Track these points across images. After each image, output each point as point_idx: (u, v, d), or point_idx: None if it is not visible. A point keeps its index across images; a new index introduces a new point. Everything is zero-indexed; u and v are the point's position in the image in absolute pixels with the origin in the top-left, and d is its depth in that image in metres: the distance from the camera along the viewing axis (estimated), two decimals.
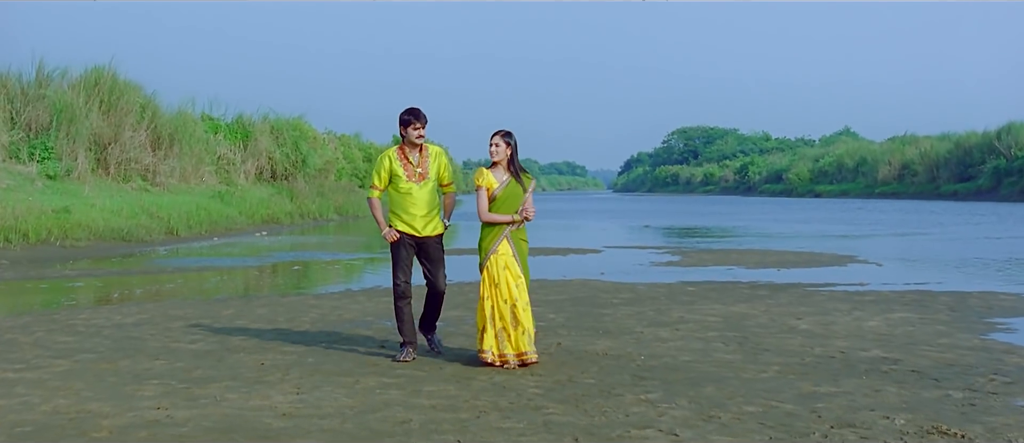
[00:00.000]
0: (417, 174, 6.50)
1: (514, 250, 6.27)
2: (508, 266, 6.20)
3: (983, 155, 55.23)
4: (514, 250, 6.27)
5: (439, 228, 6.61)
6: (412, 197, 6.48)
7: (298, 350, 6.97)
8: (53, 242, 16.92)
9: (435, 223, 6.58)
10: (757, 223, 30.10)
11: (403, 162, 6.52)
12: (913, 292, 10.65)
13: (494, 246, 6.26)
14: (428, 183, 6.52)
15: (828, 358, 6.56)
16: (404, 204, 6.50)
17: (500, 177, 6.32)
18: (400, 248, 6.53)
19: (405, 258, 6.54)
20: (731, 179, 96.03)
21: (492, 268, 6.20)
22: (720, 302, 9.69)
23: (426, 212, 6.51)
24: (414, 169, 6.51)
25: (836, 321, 8.31)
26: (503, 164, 6.33)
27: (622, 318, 8.57)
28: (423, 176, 6.51)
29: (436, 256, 6.60)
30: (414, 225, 6.51)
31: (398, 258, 6.55)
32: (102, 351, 6.98)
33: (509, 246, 6.26)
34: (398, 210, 6.54)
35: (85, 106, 24.41)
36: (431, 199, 6.54)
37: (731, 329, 7.88)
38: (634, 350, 6.89)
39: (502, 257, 6.23)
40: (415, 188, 6.49)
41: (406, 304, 6.55)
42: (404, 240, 6.51)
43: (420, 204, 6.50)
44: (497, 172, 6.33)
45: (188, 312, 9.11)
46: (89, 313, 9.13)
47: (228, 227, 23.97)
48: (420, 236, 6.53)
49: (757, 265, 14.41)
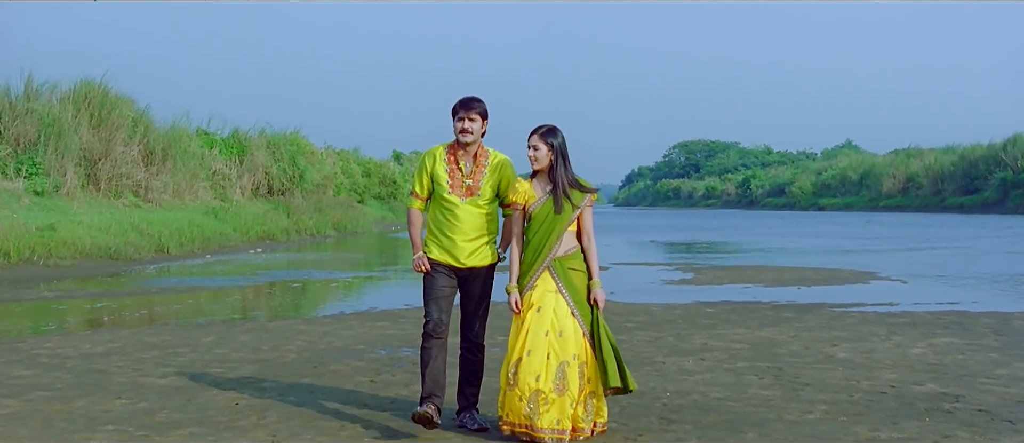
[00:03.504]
0: (464, 187, 4.89)
1: (560, 283, 4.67)
2: (555, 308, 4.61)
3: (989, 167, 54.63)
4: (560, 283, 4.67)
5: (488, 257, 4.95)
6: (454, 215, 4.88)
7: (279, 387, 6.20)
8: (36, 261, 16.15)
9: (483, 251, 4.94)
10: (765, 237, 29.34)
11: (450, 166, 4.92)
12: (949, 313, 9.88)
13: (530, 281, 4.70)
14: (479, 201, 4.89)
15: (879, 394, 5.79)
16: (443, 223, 4.91)
17: (541, 190, 4.80)
18: (434, 276, 4.92)
19: (441, 288, 4.91)
20: (733, 193, 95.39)
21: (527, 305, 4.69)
22: (744, 326, 8.93)
23: (473, 237, 4.90)
24: (462, 179, 4.90)
25: (876, 348, 7.54)
26: (545, 173, 4.80)
27: (639, 345, 7.81)
28: (472, 190, 4.89)
29: (478, 293, 4.96)
30: (454, 253, 4.89)
31: (431, 287, 4.92)
32: (60, 388, 6.22)
33: (552, 278, 4.68)
34: (435, 230, 4.96)
35: (74, 120, 23.75)
36: (481, 222, 4.91)
37: (762, 358, 7.11)
38: (658, 385, 6.13)
39: (540, 293, 4.65)
40: (459, 204, 4.87)
41: (437, 346, 4.91)
42: (439, 269, 4.93)
43: (464, 227, 4.88)
44: (539, 183, 4.82)
45: (164, 339, 8.35)
46: (57, 341, 8.36)
47: (222, 244, 23.20)
48: (461, 267, 4.92)
49: (775, 283, 13.64)
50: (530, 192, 4.77)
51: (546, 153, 4.72)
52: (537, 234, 4.72)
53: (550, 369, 4.53)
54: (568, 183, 4.73)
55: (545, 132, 4.74)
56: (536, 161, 4.74)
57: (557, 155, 4.72)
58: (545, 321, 4.58)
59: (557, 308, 4.61)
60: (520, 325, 4.66)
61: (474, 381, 5.00)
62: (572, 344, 4.58)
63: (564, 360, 4.55)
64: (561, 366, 4.54)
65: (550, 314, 4.59)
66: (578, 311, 4.65)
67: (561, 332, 4.58)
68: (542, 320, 4.58)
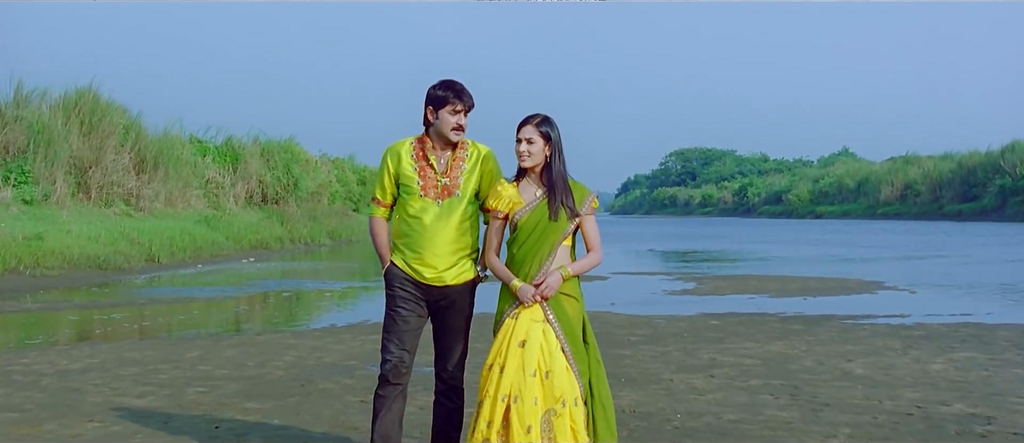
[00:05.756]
0: (440, 187, 3.94)
1: (548, 311, 3.81)
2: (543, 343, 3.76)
3: (987, 174, 54.41)
4: (548, 311, 3.81)
5: (469, 271, 4.01)
6: (425, 224, 3.93)
7: (263, 408, 5.81)
8: (22, 271, 15.73)
9: (463, 266, 3.99)
10: (765, 246, 29.00)
11: (420, 165, 3.99)
12: (965, 325, 9.52)
13: (512, 307, 3.83)
14: (458, 204, 3.94)
15: (905, 416, 5.42)
16: (412, 234, 3.96)
17: (531, 194, 3.91)
18: (398, 302, 3.97)
19: (405, 317, 3.96)
20: (730, 201, 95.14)
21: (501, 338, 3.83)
22: (752, 339, 8.56)
23: (450, 250, 3.94)
24: (436, 178, 3.96)
25: (894, 364, 7.17)
26: (537, 174, 3.92)
27: (645, 361, 7.43)
28: (450, 191, 3.94)
29: (454, 321, 4.00)
30: (424, 268, 3.94)
31: (393, 316, 3.98)
32: (30, 409, 5.83)
33: (540, 304, 3.82)
34: (403, 243, 3.99)
35: (64, 128, 23.37)
36: (459, 230, 3.96)
37: (775, 375, 6.73)
38: (667, 406, 5.75)
39: (526, 324, 3.78)
40: (433, 209, 3.93)
41: (394, 395, 3.98)
42: (404, 289, 3.97)
43: (439, 238, 3.92)
44: (527, 186, 3.92)
45: (146, 355, 7.95)
46: (34, 356, 7.96)
47: (214, 254, 22.80)
48: (434, 285, 3.97)
49: (780, 293, 13.28)
50: (516, 198, 3.87)
51: (542, 148, 3.84)
52: (523, 248, 3.82)
53: (536, 418, 3.68)
54: (565, 184, 3.85)
55: (540, 122, 3.85)
56: (529, 157, 3.84)
57: (554, 150, 3.86)
58: (532, 359, 3.72)
59: (545, 342, 3.75)
60: (500, 362, 3.76)
61: (451, 434, 4.03)
62: (560, 386, 3.71)
63: (551, 408, 3.70)
64: (547, 415, 3.69)
65: (537, 350, 3.73)
66: (570, 347, 3.78)
67: (549, 373, 3.72)
68: (528, 358, 3.72)
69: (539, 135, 3.84)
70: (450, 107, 3.92)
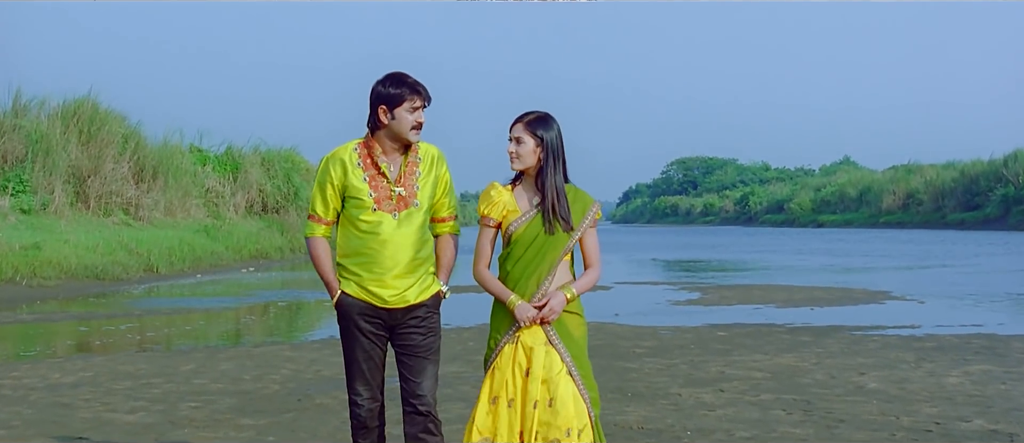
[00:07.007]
0: (395, 197, 3.52)
1: (552, 332, 3.46)
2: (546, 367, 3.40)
3: (990, 183, 54.23)
4: (552, 332, 3.46)
5: (431, 286, 3.61)
6: (381, 241, 3.50)
7: (257, 424, 5.62)
8: (19, 282, 15.55)
9: (423, 283, 3.58)
10: (768, 255, 28.80)
11: (369, 173, 3.53)
12: (978, 336, 9.32)
13: (510, 330, 3.46)
14: (416, 214, 3.54)
15: (924, 432, 5.22)
16: (369, 252, 3.52)
17: (527, 202, 3.52)
18: (358, 335, 3.56)
19: (368, 351, 3.57)
20: (731, 209, 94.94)
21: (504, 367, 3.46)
22: (761, 351, 8.36)
23: (411, 267, 3.53)
24: (389, 187, 3.53)
25: (908, 377, 6.97)
26: (532, 177, 3.55)
27: (651, 374, 7.24)
28: (406, 201, 3.52)
29: (424, 340, 3.57)
30: (383, 290, 3.52)
31: (354, 350, 3.58)
32: (16, 426, 5.63)
33: (541, 325, 3.46)
34: (355, 264, 3.55)
35: (63, 136, 23.26)
36: (419, 242, 3.55)
37: (786, 389, 6.54)
38: (676, 422, 5.55)
39: (526, 348, 3.43)
40: (389, 223, 3.51)
41: (372, 437, 3.69)
42: (367, 319, 3.55)
43: (401, 253, 3.51)
44: (523, 192, 3.55)
45: (140, 368, 7.76)
46: (25, 369, 7.77)
47: (213, 263, 22.62)
48: (397, 308, 3.55)
49: (786, 303, 13.08)
50: (511, 204, 3.47)
51: (532, 149, 3.43)
52: (519, 265, 3.45)
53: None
54: (558, 195, 3.44)
55: (533, 121, 3.46)
56: (517, 158, 3.45)
57: (548, 154, 3.44)
58: (534, 388, 3.37)
59: (549, 366, 3.40)
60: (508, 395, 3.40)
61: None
62: (565, 415, 3.35)
63: (555, 439, 3.35)
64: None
65: (539, 377, 3.39)
66: (578, 371, 3.43)
67: (552, 401, 3.37)
68: (531, 386, 3.38)
69: (529, 135, 3.45)
70: (408, 104, 3.49)
